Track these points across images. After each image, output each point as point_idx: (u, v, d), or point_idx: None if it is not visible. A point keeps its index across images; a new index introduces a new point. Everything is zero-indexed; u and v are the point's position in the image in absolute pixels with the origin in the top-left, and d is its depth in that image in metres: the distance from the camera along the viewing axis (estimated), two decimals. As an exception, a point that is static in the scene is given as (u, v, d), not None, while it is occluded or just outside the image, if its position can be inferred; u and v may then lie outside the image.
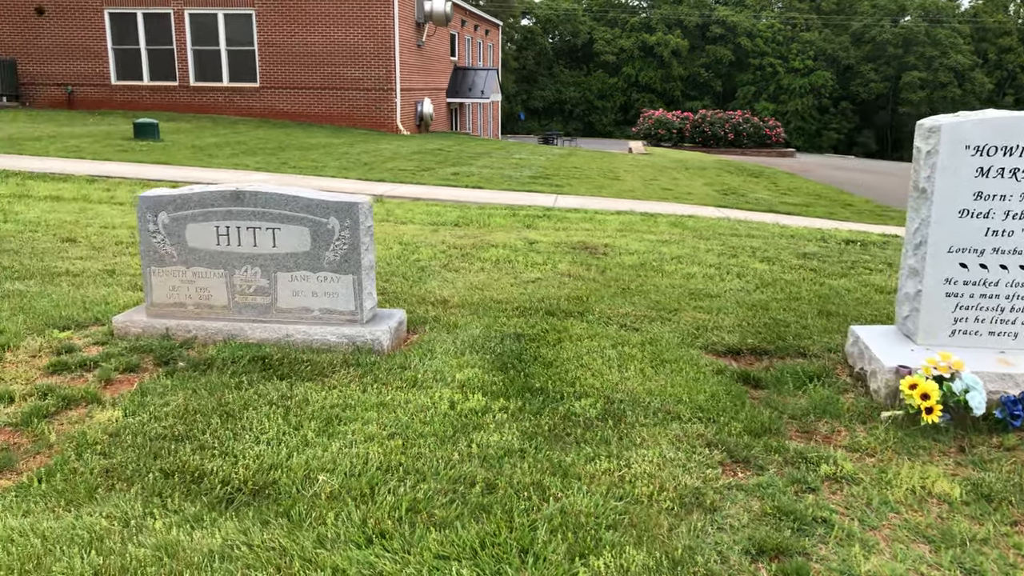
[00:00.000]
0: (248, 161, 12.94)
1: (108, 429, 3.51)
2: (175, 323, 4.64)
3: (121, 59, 23.95)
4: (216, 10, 23.46)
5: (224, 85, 23.96)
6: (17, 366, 4.23)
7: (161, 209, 4.57)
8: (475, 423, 3.64)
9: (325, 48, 23.57)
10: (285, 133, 19.74)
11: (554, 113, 76.33)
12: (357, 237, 4.49)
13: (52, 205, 8.37)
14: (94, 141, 14.48)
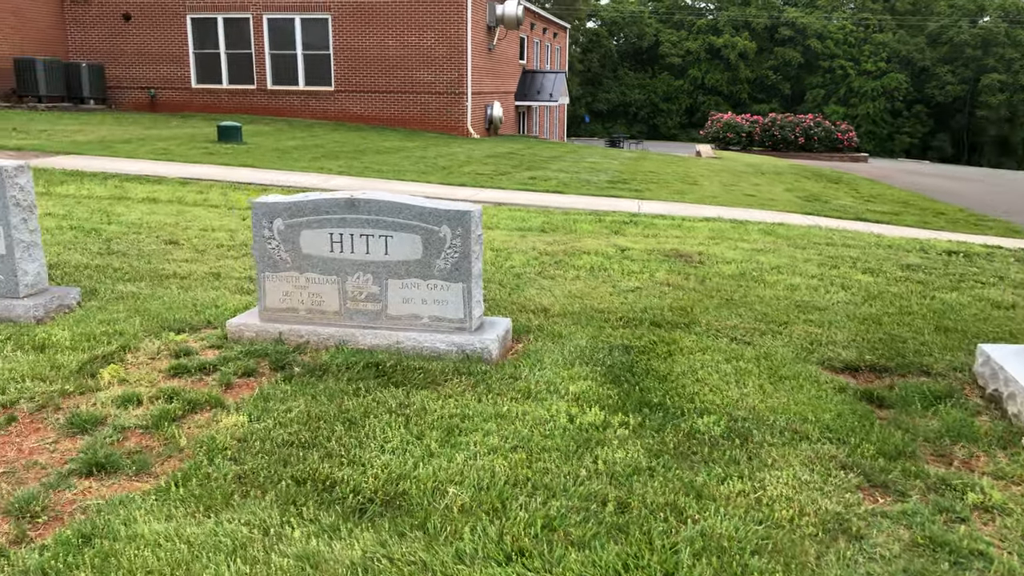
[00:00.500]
0: (330, 165, 13.12)
1: (235, 434, 3.55)
2: (287, 328, 4.69)
3: (201, 63, 24.61)
4: (293, 15, 23.92)
5: (300, 89, 24.42)
6: (138, 368, 4.33)
7: (276, 216, 4.63)
8: (597, 438, 3.58)
9: (398, 52, 23.82)
10: (360, 136, 19.99)
11: (618, 116, 75.90)
12: (468, 246, 4.47)
13: (150, 207, 8.60)
14: (180, 144, 14.87)
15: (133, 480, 3.24)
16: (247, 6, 24.04)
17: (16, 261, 5.00)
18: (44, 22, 23.93)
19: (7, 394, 3.90)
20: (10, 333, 4.68)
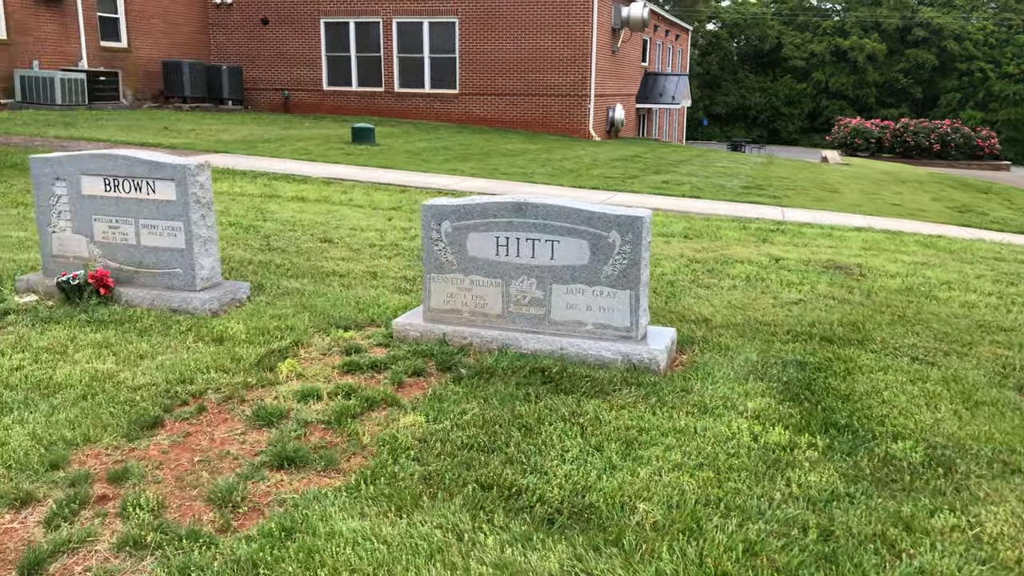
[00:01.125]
0: (463, 167, 13.27)
1: (416, 434, 3.57)
2: (451, 329, 4.71)
3: (333, 66, 25.43)
4: (422, 19, 24.41)
5: (425, 91, 24.89)
6: (312, 363, 4.43)
7: (444, 218, 4.65)
8: (786, 460, 3.41)
9: (522, 55, 23.93)
10: (484, 139, 20.18)
11: (737, 119, 74.05)
12: (638, 252, 4.37)
13: (300, 206, 8.89)
14: (318, 144, 15.38)
15: (322, 475, 3.30)
16: (377, 10, 24.68)
17: (194, 256, 5.23)
18: (190, 27, 25.28)
19: (196, 384, 4.06)
20: (190, 324, 4.89)
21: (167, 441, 3.55)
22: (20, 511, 2.99)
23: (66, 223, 5.48)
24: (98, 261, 5.43)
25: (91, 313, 5.04)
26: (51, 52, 20.60)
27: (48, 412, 3.72)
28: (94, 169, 5.31)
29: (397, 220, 8.39)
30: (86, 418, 3.66)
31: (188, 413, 3.79)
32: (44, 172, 5.46)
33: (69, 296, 5.29)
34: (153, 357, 4.39)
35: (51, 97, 19.10)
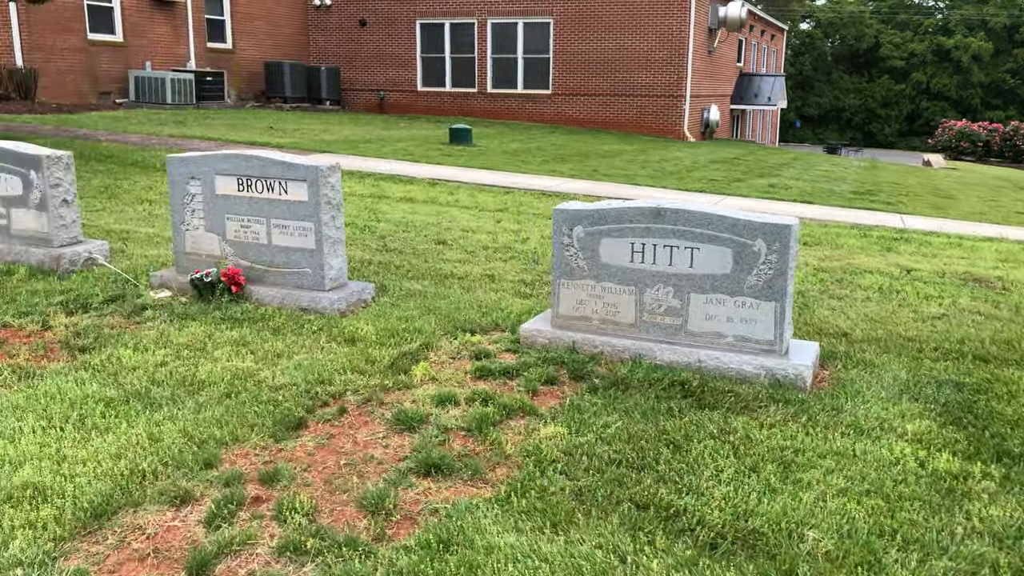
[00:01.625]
0: (562, 168, 13.18)
1: (559, 446, 3.48)
2: (580, 336, 4.61)
3: (427, 67, 25.70)
4: (517, 19, 24.42)
5: (518, 92, 24.90)
6: (443, 367, 4.39)
7: (577, 223, 4.56)
8: (960, 489, 3.19)
9: (617, 55, 23.69)
10: (578, 139, 20.04)
11: (830, 121, 71.83)
12: (785, 262, 4.18)
13: (410, 207, 8.95)
14: (417, 144, 15.53)
15: (468, 485, 3.24)
16: (472, 11, 24.81)
17: (324, 256, 5.27)
18: (291, 28, 25.93)
19: (334, 385, 4.07)
20: (321, 324, 4.92)
21: (312, 443, 3.56)
22: (180, 509, 3.03)
23: (199, 221, 5.60)
24: (229, 259, 5.53)
25: (224, 310, 5.14)
26: (162, 53, 21.42)
27: (195, 409, 3.78)
28: (228, 169, 5.41)
29: (506, 222, 8.34)
30: (232, 417, 3.70)
31: (330, 415, 3.80)
32: (179, 171, 5.60)
33: (202, 293, 5.40)
34: (289, 356, 4.43)
35: (162, 96, 19.86)
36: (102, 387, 3.99)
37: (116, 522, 2.94)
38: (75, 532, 2.86)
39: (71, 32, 18.99)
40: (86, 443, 3.44)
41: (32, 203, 6.07)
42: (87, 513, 2.95)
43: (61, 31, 18.75)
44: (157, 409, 3.77)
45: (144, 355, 4.39)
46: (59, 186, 6.06)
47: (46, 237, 6.09)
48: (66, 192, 6.12)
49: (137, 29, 20.67)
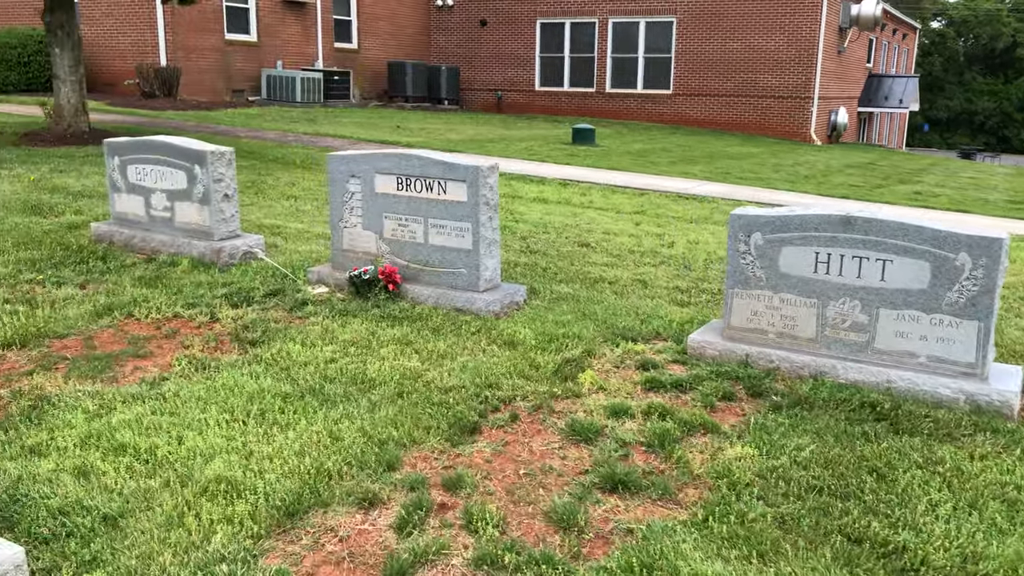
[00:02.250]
0: (692, 170, 12.84)
1: (752, 469, 3.28)
2: (755, 350, 4.37)
3: (546, 66, 25.67)
4: (639, 18, 24.08)
5: (637, 92, 24.54)
6: (609, 375, 4.25)
7: (755, 230, 4.32)
8: None
9: (741, 55, 23.02)
10: (700, 140, 19.55)
11: (959, 125, 67.98)
12: (993, 279, 3.83)
13: (545, 207, 8.86)
14: (541, 144, 15.47)
15: (658, 504, 3.08)
16: (594, 10, 24.61)
17: (480, 257, 5.21)
18: (413, 28, 26.38)
19: (503, 390, 3.98)
20: (479, 326, 4.86)
21: (488, 449, 3.47)
22: (368, 512, 2.99)
23: (357, 219, 5.65)
24: (385, 257, 5.55)
25: (383, 308, 5.15)
26: (292, 53, 22.14)
27: (369, 408, 3.76)
28: (388, 168, 5.42)
29: (645, 225, 8.14)
30: (406, 418, 3.66)
31: (502, 420, 3.71)
32: (340, 169, 5.65)
33: (359, 290, 5.44)
34: (453, 358, 4.38)
35: (292, 95, 20.51)
36: (276, 382, 4.02)
37: (308, 522, 2.92)
38: (271, 530, 2.86)
39: (210, 32, 19.85)
40: (270, 439, 3.45)
41: (195, 197, 6.27)
42: (280, 511, 2.94)
43: (201, 31, 19.62)
44: (333, 407, 3.77)
45: (312, 351, 4.43)
46: (221, 181, 6.23)
47: (207, 230, 6.27)
48: (227, 187, 6.30)
49: (270, 29, 21.43)
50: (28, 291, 5.42)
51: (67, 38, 11.28)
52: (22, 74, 18.35)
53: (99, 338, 4.67)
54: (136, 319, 4.99)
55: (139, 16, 19.07)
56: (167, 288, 5.51)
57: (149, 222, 6.57)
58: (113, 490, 3.05)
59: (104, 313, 5.02)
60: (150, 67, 18.30)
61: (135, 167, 6.55)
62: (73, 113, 11.59)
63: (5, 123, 13.22)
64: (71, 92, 11.51)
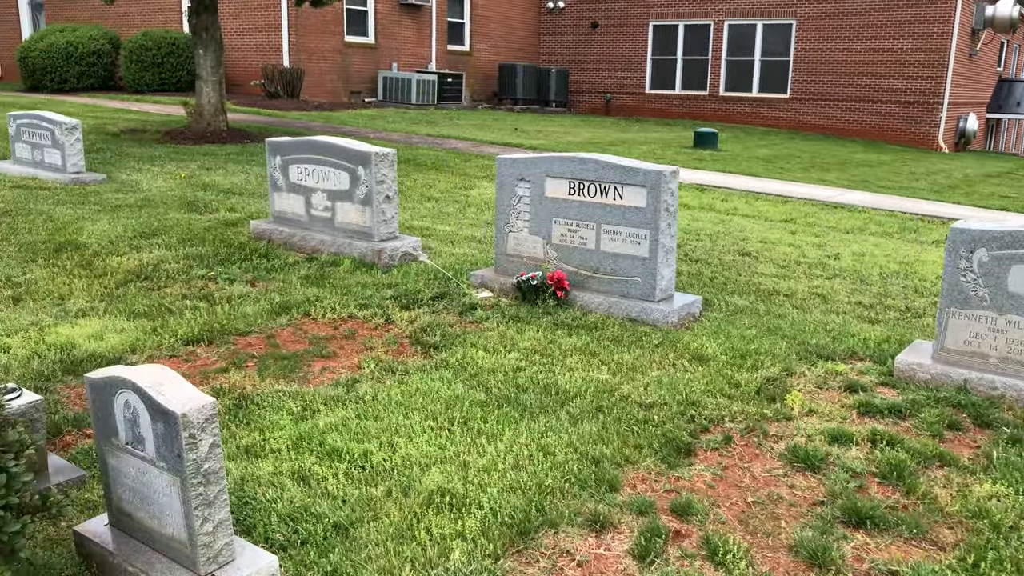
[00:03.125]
0: (826, 177, 12.33)
1: (1012, 509, 2.98)
2: (975, 375, 4.04)
3: (657, 69, 25.26)
4: (756, 20, 23.42)
5: (752, 95, 23.88)
6: (813, 397, 3.99)
7: (979, 246, 3.99)
8: None
9: (865, 58, 22.10)
10: (822, 146, 18.83)
11: (1088, 133, 63.83)
12: None
13: (689, 213, 8.60)
14: (663, 148, 15.16)
15: (912, 544, 2.83)
16: (709, 12, 24.07)
17: (657, 265, 5.02)
18: (523, 31, 26.38)
19: (707, 409, 3.78)
20: (660, 338, 4.67)
21: (708, 473, 3.28)
22: (601, 536, 2.84)
23: (523, 224, 5.54)
24: (552, 263, 5.42)
25: (553, 315, 5.02)
26: (407, 55, 22.42)
27: (571, 422, 3.62)
28: (560, 172, 5.29)
29: (802, 235, 7.79)
30: (612, 434, 3.50)
31: (715, 443, 3.51)
32: (509, 173, 5.56)
33: (526, 296, 5.33)
34: (643, 372, 4.20)
35: (407, 96, 20.76)
36: (469, 388, 3.93)
37: (540, 543, 2.79)
38: (505, 549, 2.74)
39: (331, 35, 20.28)
40: (479, 449, 3.35)
41: (357, 198, 6.29)
42: (511, 529, 2.83)
43: (323, 33, 20.06)
44: (533, 418, 3.65)
45: (497, 357, 4.32)
46: (383, 182, 6.23)
47: (367, 231, 6.28)
48: (388, 189, 6.29)
49: (387, 31, 21.75)
50: (203, 287, 5.52)
51: (211, 40, 11.63)
52: (155, 74, 19.13)
53: (280, 336, 4.69)
54: (312, 319, 5.00)
55: (265, 19, 19.64)
56: (335, 288, 5.52)
57: (309, 221, 6.64)
58: (336, 497, 2.99)
59: (281, 311, 5.05)
60: (274, 68, 18.80)
61: (297, 167, 6.62)
62: (213, 112, 11.95)
63: (147, 121, 13.76)
64: (212, 92, 11.87)
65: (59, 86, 19.24)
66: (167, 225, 7.06)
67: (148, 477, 2.40)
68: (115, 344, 4.41)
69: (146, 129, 12.72)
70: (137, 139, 11.81)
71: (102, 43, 19.62)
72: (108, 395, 2.43)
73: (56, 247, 6.29)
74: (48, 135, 8.67)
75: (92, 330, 4.60)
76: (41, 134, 8.76)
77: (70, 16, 22.30)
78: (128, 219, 7.18)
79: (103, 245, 6.38)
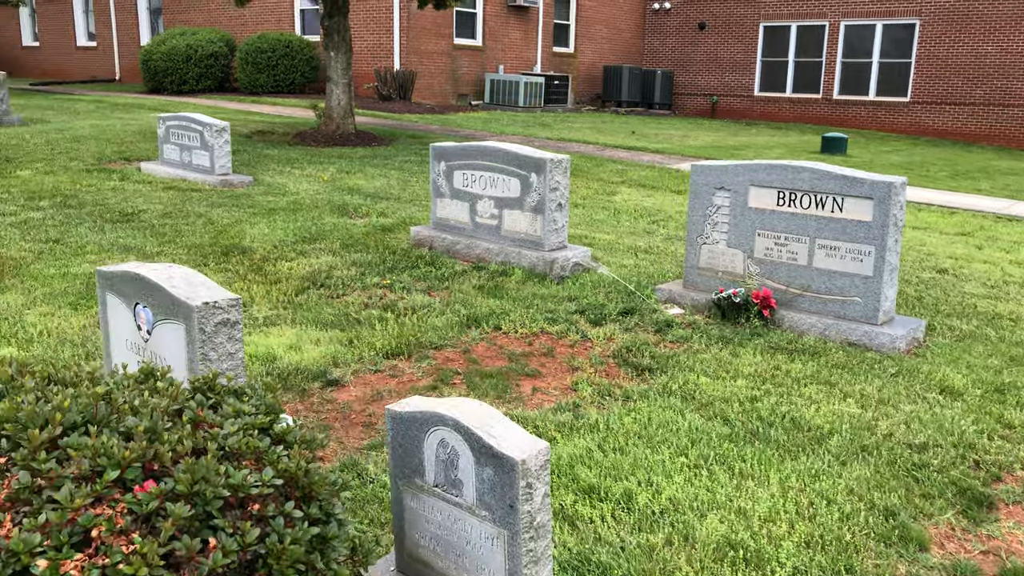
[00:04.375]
0: (979, 186, 11.54)
1: None
2: None
3: (766, 71, 24.45)
4: (875, 21, 22.41)
5: (868, 99, 22.86)
6: (1100, 442, 3.52)
7: None
8: None
9: (995, 59, 20.88)
10: (952, 153, 17.83)
11: None
12: None
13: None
14: (788, 152, 14.54)
15: None
16: (824, 13, 23.16)
17: (881, 284, 4.60)
18: (628, 33, 25.93)
19: (988, 453, 3.36)
20: (895, 367, 4.25)
21: (1019, 531, 2.86)
22: (931, 606, 2.47)
23: (720, 235, 5.18)
24: (753, 279, 5.05)
25: (764, 337, 4.64)
26: (512, 58, 22.25)
27: (837, 463, 3.25)
28: (767, 180, 4.91)
29: (988, 250, 7.18)
30: (890, 480, 3.12)
31: (1016, 495, 3.09)
32: (704, 181, 5.20)
33: (725, 314, 4.97)
34: (894, 406, 3.79)
35: (515, 99, 20.57)
36: (707, 420, 3.60)
37: (863, 611, 2.44)
38: (828, 618, 2.40)
39: (441, 37, 20.25)
40: (749, 493, 3.01)
41: (528, 205, 6.03)
42: (828, 594, 2.48)
43: (433, 36, 20.04)
44: (792, 457, 3.29)
45: (722, 384, 3.98)
46: (556, 189, 5.96)
47: (537, 240, 6.02)
48: (561, 196, 6.02)
49: (494, 34, 21.62)
50: (381, 295, 5.34)
51: (342, 42, 11.62)
52: (270, 76, 19.42)
53: (476, 351, 4.45)
54: (504, 333, 4.75)
55: (376, 21, 19.73)
56: (514, 300, 5.27)
57: (472, 228, 6.42)
58: (613, 544, 2.70)
59: (470, 324, 4.82)
60: (387, 71, 18.86)
61: (462, 173, 6.42)
62: (342, 115, 11.94)
63: (273, 123, 13.89)
64: (342, 94, 11.86)
65: (178, 88, 19.75)
66: (324, 230, 6.95)
67: (461, 526, 2.15)
68: (316, 357, 4.24)
69: (274, 131, 12.81)
70: (268, 141, 11.88)
71: (219, 46, 20.05)
72: (417, 431, 2.18)
73: (223, 250, 6.23)
74: (197, 137, 8.72)
75: (287, 340, 4.45)
76: (190, 136, 8.81)
77: (186, 20, 22.90)
78: (285, 223, 7.10)
79: (268, 249, 6.29)
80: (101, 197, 7.88)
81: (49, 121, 13.24)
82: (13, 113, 13.08)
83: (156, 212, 7.36)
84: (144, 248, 6.29)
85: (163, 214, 7.32)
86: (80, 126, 12.52)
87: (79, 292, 5.20)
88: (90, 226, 6.84)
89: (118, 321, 3.23)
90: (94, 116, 14.25)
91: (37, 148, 10.38)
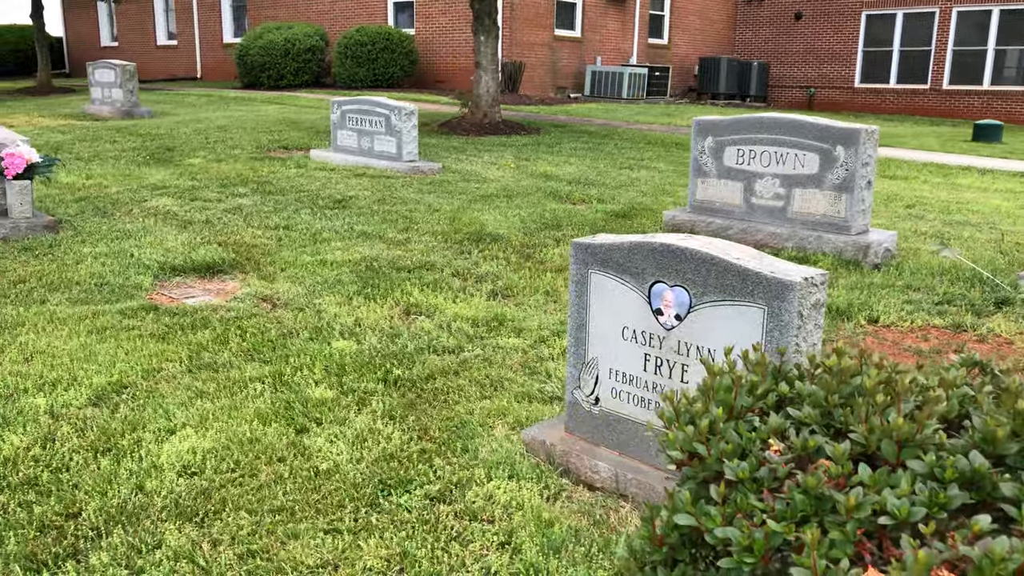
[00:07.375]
0: None
1: None
2: None
3: (868, 61, 23.49)
4: (991, 6, 21.37)
5: (982, 88, 21.82)
6: None
7: None
8: None
9: (1124, 44, 19.77)
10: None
11: None
12: None
13: None
14: (942, 142, 13.70)
15: None
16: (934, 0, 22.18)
17: None
18: (721, 23, 25.13)
19: None
20: None
21: None
22: None
23: (1110, 212, 4.43)
24: None
25: None
26: (610, 49, 21.56)
27: None
28: None
29: None
30: None
31: None
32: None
33: None
34: None
35: (618, 91, 19.88)
36: None
37: None
38: None
39: (543, 28, 19.63)
40: None
41: (828, 183, 5.33)
42: None
43: (535, 27, 19.42)
44: None
45: None
46: (868, 164, 5.25)
47: (839, 222, 5.32)
48: (871, 172, 5.31)
49: (593, 25, 20.96)
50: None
51: (492, 25, 11.02)
52: (369, 70, 18.91)
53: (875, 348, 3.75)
54: (884, 326, 4.06)
55: (477, 12, 19.15)
56: (848, 290, 4.58)
57: (747, 211, 5.74)
58: None
59: (838, 316, 4.14)
60: (491, 62, 18.26)
61: (736, 148, 5.74)
62: (490, 103, 11.34)
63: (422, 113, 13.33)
64: (491, 81, 11.26)
65: (276, 83, 19.33)
66: (558, 216, 6.32)
67: None
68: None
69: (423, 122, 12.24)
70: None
71: (315, 40, 19.62)
72: None
73: (470, 237, 5.62)
74: (382, 121, 8.14)
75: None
76: (372, 120, 8.24)
77: (271, 15, 22.53)
78: (512, 210, 6.48)
79: (520, 237, 5.67)
80: (294, 184, 7.32)
81: (175, 114, 12.80)
82: (142, 106, 12.67)
83: (366, 199, 6.78)
84: (385, 234, 5.70)
85: (375, 200, 6.73)
86: (212, 117, 12.04)
87: (355, 281, 4.61)
88: (308, 212, 6.27)
89: (609, 305, 2.59)
90: (214, 109, 13.80)
91: (190, 138, 9.89)
